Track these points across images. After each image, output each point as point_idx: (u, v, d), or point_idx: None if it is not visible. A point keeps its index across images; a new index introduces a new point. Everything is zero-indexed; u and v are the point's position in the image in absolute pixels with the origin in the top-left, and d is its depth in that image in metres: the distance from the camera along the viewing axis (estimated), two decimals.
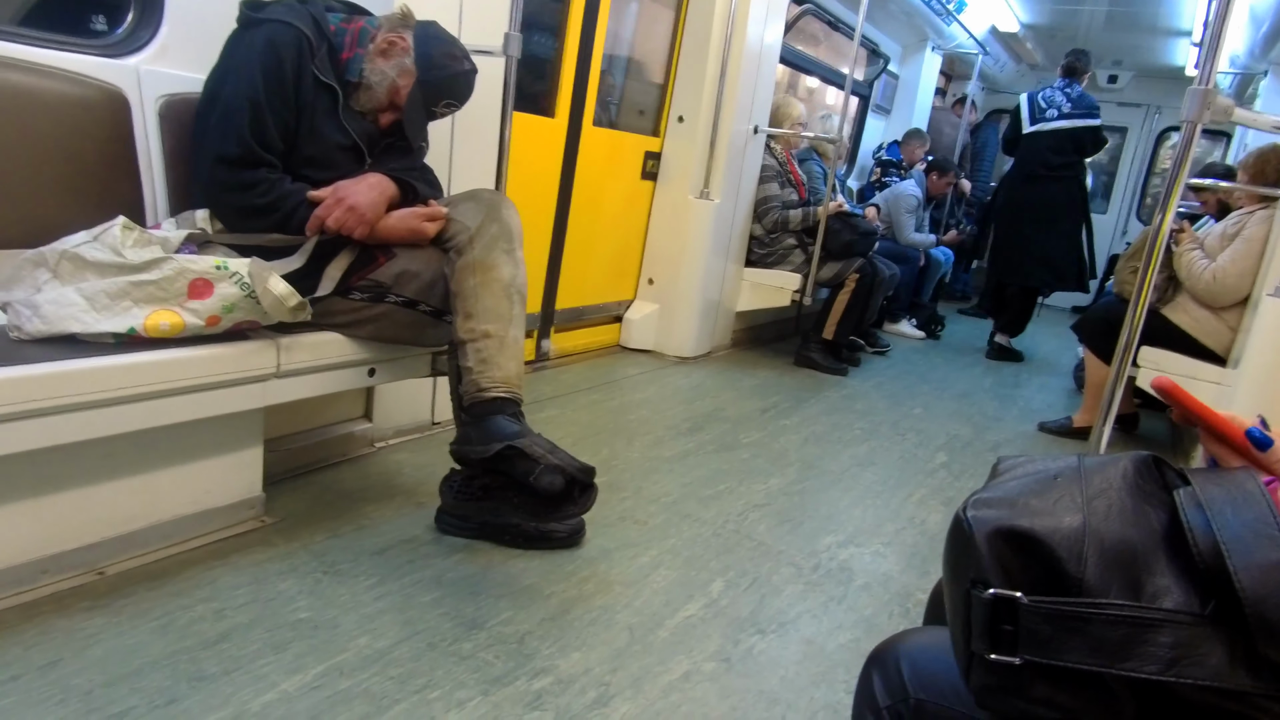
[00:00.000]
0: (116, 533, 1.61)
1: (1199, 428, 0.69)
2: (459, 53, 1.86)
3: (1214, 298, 3.09)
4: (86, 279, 1.46)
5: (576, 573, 1.83)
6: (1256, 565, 0.55)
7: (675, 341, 3.96)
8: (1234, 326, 3.09)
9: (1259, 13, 4.76)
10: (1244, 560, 0.56)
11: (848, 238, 4.11)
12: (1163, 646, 0.57)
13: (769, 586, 1.89)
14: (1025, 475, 0.70)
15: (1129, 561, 0.61)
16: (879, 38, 6.08)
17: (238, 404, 1.64)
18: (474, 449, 1.73)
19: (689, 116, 3.78)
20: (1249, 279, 3.01)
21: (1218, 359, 3.08)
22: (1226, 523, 0.58)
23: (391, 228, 1.78)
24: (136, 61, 1.77)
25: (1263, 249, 2.99)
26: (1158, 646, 0.57)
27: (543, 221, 3.30)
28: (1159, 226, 1.71)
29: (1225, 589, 0.56)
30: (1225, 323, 3.10)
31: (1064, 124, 4.78)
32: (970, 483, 2.77)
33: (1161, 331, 3.15)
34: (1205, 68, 1.61)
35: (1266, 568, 0.55)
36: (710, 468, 2.58)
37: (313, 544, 1.79)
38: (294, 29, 1.69)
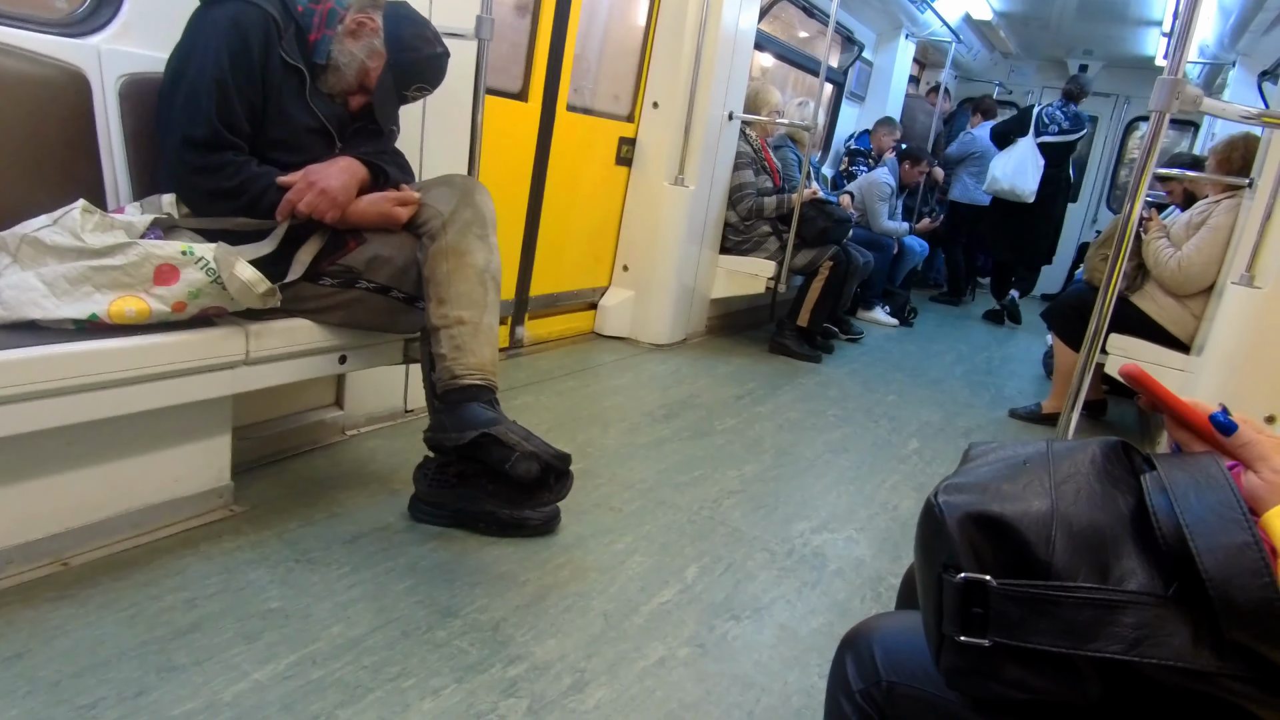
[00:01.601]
0: (83, 522, 1.58)
1: (1165, 414, 0.70)
2: (431, 35, 1.83)
3: (1179, 285, 3.15)
4: (46, 264, 1.43)
5: (552, 560, 1.83)
6: (1220, 548, 0.56)
7: (650, 328, 3.96)
8: (1198, 314, 3.15)
9: (1227, 3, 4.83)
10: (1207, 543, 0.57)
11: (822, 225, 4.13)
12: (1127, 627, 0.58)
13: (743, 572, 1.91)
14: (996, 461, 0.71)
15: (1097, 545, 0.62)
16: (853, 25, 6.08)
17: (206, 391, 1.61)
18: (448, 436, 1.72)
19: (664, 102, 3.76)
20: (1214, 267, 3.07)
21: (1183, 346, 3.14)
22: (1190, 506, 0.60)
23: (363, 212, 1.75)
24: (97, 41, 1.72)
25: (1227, 237, 3.05)
26: (1122, 627, 0.58)
27: (516, 207, 3.27)
28: (1128, 215, 1.73)
29: (1189, 571, 0.57)
30: (1190, 310, 3.17)
31: (1059, 139, 5.91)
32: (942, 468, 2.81)
33: (1129, 319, 3.21)
34: (1174, 57, 1.63)
35: (1230, 550, 0.56)
36: (685, 454, 2.59)
37: (284, 532, 1.77)
38: (259, 9, 1.65)
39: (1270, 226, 2.56)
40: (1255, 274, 2.58)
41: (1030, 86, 8.78)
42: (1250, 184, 3.04)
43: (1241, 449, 0.65)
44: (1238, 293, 2.58)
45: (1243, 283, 2.58)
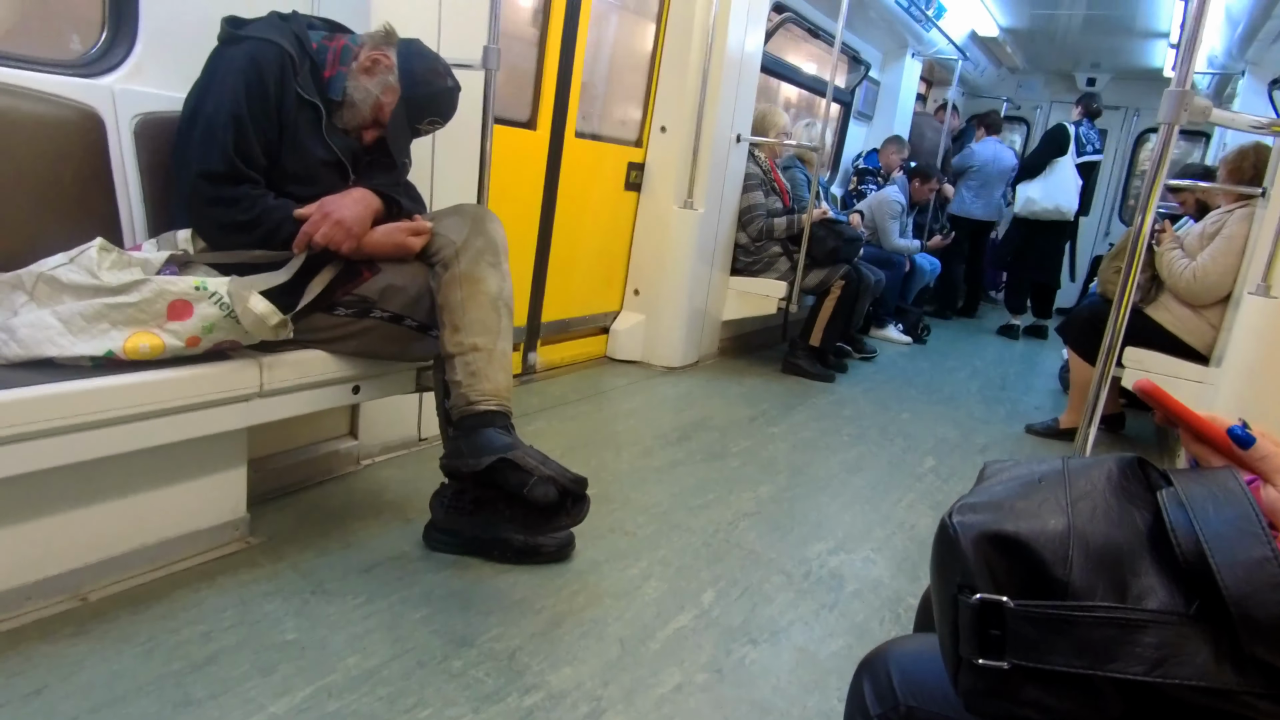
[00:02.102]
0: (100, 557, 1.59)
1: (1181, 429, 0.69)
2: (442, 69, 1.86)
3: (1195, 296, 3.12)
4: (63, 301, 1.45)
5: (566, 586, 1.82)
6: (1239, 563, 0.55)
7: (662, 351, 3.96)
8: (1215, 324, 3.12)
9: (1235, 13, 4.82)
10: (1227, 558, 0.56)
11: (832, 244, 4.13)
12: (1148, 647, 0.57)
13: (760, 595, 1.89)
14: (1010, 479, 0.70)
15: (1114, 563, 0.61)
16: (859, 45, 6.12)
17: (220, 425, 1.62)
18: (465, 462, 1.72)
19: (671, 126, 3.79)
20: (1229, 276, 3.04)
21: (1200, 357, 3.11)
22: (1209, 521, 0.59)
23: (377, 243, 1.77)
24: (111, 81, 1.76)
25: (1243, 246, 3.02)
26: (1143, 647, 0.57)
27: (527, 234, 3.29)
28: (1140, 227, 1.72)
29: (1209, 587, 0.56)
30: (1206, 320, 3.14)
31: (1094, 158, 6.11)
32: (959, 486, 2.78)
33: (1145, 330, 3.18)
34: (1182, 69, 1.62)
35: (1249, 565, 0.55)
36: (699, 477, 2.57)
37: (300, 563, 1.77)
38: (276, 46, 1.69)
39: None
40: (1272, 284, 2.55)
41: (1038, 101, 8.78)
42: (1263, 193, 3.02)
43: (1260, 462, 0.64)
44: (1254, 303, 2.56)
45: (1259, 293, 2.56)
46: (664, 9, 3.75)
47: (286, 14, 1.80)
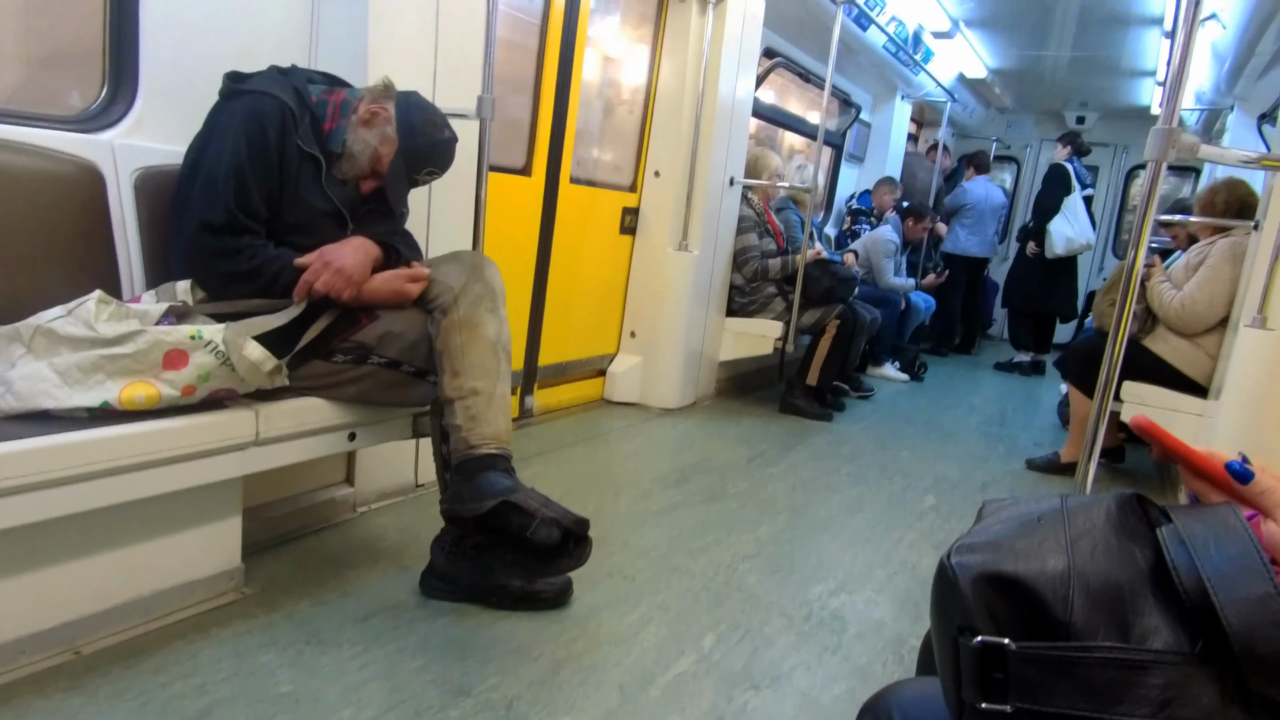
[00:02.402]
0: (94, 609, 1.57)
1: (1179, 465, 0.69)
2: (440, 121, 1.89)
3: (1185, 325, 3.19)
4: (60, 354, 1.45)
5: (565, 632, 1.79)
6: (1242, 600, 0.55)
7: (659, 393, 3.96)
8: (1212, 354, 3.15)
9: (1221, 50, 4.91)
10: (1229, 595, 0.55)
11: (827, 284, 4.16)
12: (1154, 688, 0.56)
13: (761, 638, 1.86)
14: (1009, 518, 0.70)
15: (1116, 602, 0.61)
16: (849, 88, 6.23)
17: (216, 474, 1.61)
18: (466, 507, 1.70)
19: (665, 171, 3.84)
20: (1217, 305, 3.11)
21: (1200, 388, 3.12)
22: (1210, 558, 0.58)
23: (376, 290, 1.78)
24: (111, 136, 1.78)
25: (1226, 274, 3.10)
26: (1148, 689, 0.56)
27: (523, 279, 3.31)
28: (1133, 261, 1.74)
29: (1213, 626, 0.55)
30: (1204, 350, 3.16)
31: (1090, 192, 6.25)
32: (960, 524, 2.76)
33: (1144, 362, 3.20)
34: (1168, 107, 1.65)
35: (1252, 601, 0.54)
36: (698, 519, 2.55)
37: (295, 613, 1.75)
38: (277, 100, 1.72)
39: (1279, 268, 2.56)
40: (1268, 315, 2.57)
41: (1028, 140, 8.91)
42: (1256, 226, 3.06)
43: (1259, 497, 0.64)
44: (1251, 335, 2.57)
45: (1255, 325, 2.57)
46: (656, 56, 3.83)
47: (286, 68, 1.84)
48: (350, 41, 2.14)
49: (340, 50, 2.15)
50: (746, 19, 3.89)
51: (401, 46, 2.21)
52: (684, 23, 3.74)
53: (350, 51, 2.14)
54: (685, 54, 3.75)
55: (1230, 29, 4.45)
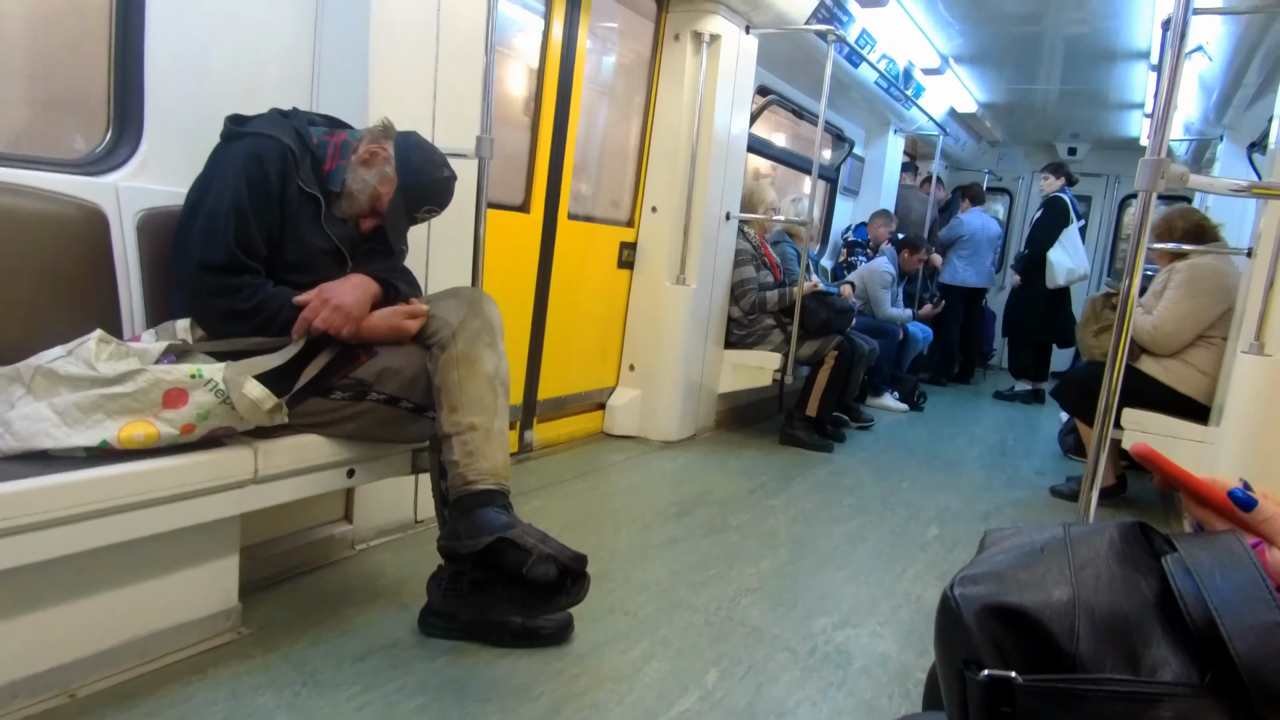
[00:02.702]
0: (89, 651, 1.55)
1: (1182, 492, 0.69)
2: (439, 160, 1.92)
3: (1159, 345, 3.33)
4: (59, 393, 1.45)
5: (566, 670, 1.77)
6: (1250, 629, 0.54)
7: (659, 425, 3.96)
8: (1204, 370, 3.22)
9: (1208, 81, 4.99)
10: (1237, 625, 0.55)
11: (825, 315, 4.18)
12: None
13: (765, 674, 1.84)
14: (1012, 548, 0.69)
15: (1123, 633, 0.60)
16: (843, 123, 6.31)
17: (214, 512, 1.60)
18: (463, 543, 1.69)
19: (662, 206, 3.88)
20: (1184, 326, 3.29)
21: (1199, 408, 3.12)
22: (1217, 588, 0.58)
23: (374, 326, 1.79)
24: (115, 179, 1.80)
25: (1187, 296, 3.30)
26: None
27: (522, 314, 3.32)
28: (1128, 290, 1.75)
29: (1221, 656, 0.55)
30: (1194, 367, 3.23)
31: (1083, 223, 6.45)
32: (963, 554, 2.74)
33: (1141, 386, 3.23)
34: (1156, 138, 1.67)
35: (1260, 631, 0.54)
36: (700, 552, 2.53)
37: (292, 654, 1.72)
38: (278, 142, 1.74)
39: (1274, 294, 2.57)
40: (1264, 342, 2.57)
41: (1020, 172, 9.01)
42: (1249, 253, 3.08)
43: (1263, 524, 0.63)
44: (1249, 361, 2.57)
45: (1253, 351, 2.57)
46: (652, 93, 3.88)
47: (288, 111, 1.86)
48: (351, 84, 2.17)
49: (341, 93, 2.18)
50: (740, 58, 3.95)
51: (402, 88, 2.25)
52: (679, 62, 3.80)
53: (351, 94, 2.17)
54: (681, 92, 3.80)
55: (1216, 61, 4.53)
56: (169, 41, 1.88)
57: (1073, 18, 4.73)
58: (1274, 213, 2.66)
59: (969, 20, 4.95)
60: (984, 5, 4.67)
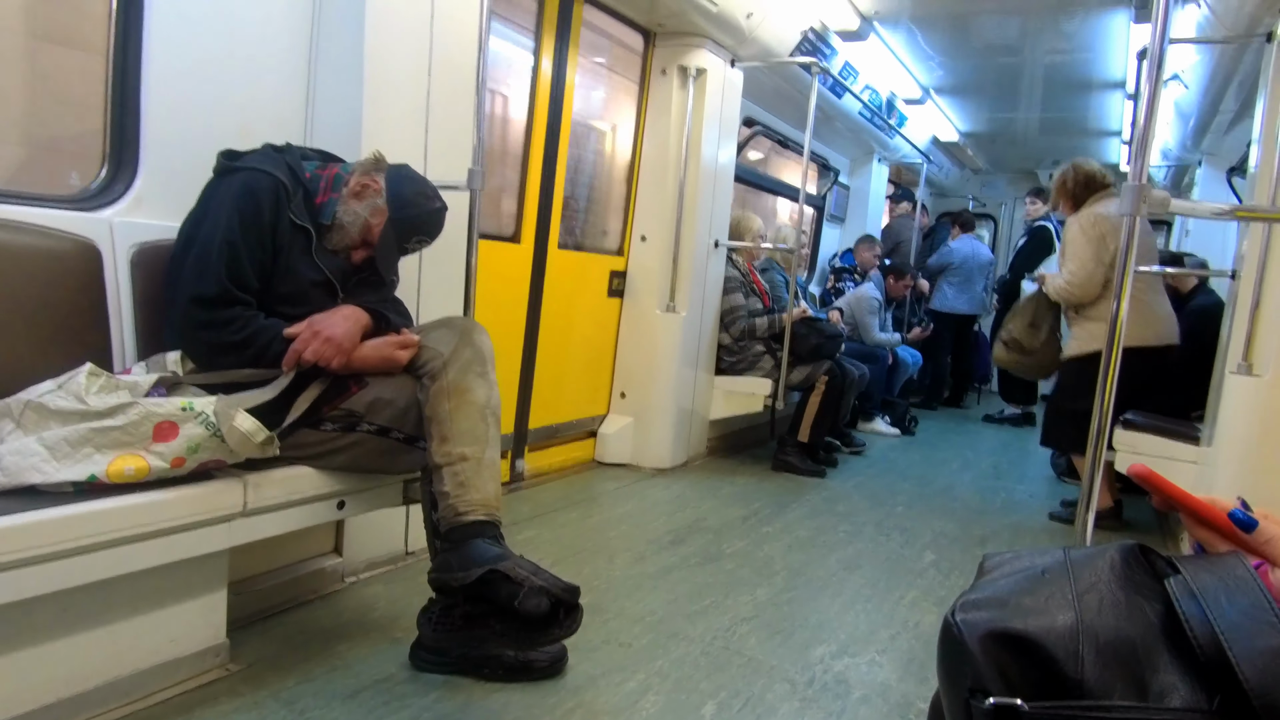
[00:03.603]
0: (74, 691, 1.51)
1: (1182, 513, 0.69)
2: (430, 191, 1.92)
3: (1079, 296, 3.52)
4: (49, 427, 1.43)
5: (560, 704, 1.74)
6: (1258, 654, 0.54)
7: (651, 453, 3.94)
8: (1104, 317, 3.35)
9: (1184, 108, 5.08)
10: (1245, 649, 0.54)
11: (815, 341, 4.20)
12: None
13: (764, 706, 1.81)
14: (1013, 573, 0.69)
15: (1129, 658, 0.59)
16: (827, 153, 6.39)
17: (203, 547, 1.58)
18: (454, 576, 1.67)
19: (651, 235, 3.90)
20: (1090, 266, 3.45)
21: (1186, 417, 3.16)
22: (1223, 612, 0.57)
23: (365, 357, 1.78)
24: (110, 214, 1.81)
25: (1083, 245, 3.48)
26: None
27: (513, 343, 3.32)
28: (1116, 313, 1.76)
29: (1229, 681, 0.54)
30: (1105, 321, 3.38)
31: None
32: (961, 580, 2.72)
33: (1079, 374, 3.40)
34: (1136, 165, 1.70)
35: (1268, 655, 0.53)
36: (695, 582, 2.51)
37: (282, 691, 1.69)
38: (271, 176, 1.75)
39: (1260, 315, 2.61)
40: (1253, 362, 2.60)
41: (1002, 198, 9.12)
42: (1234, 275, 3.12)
43: (1265, 546, 0.63)
44: (1238, 382, 2.59)
45: (1241, 372, 2.60)
46: (640, 126, 3.93)
47: (281, 146, 1.87)
48: (346, 118, 2.19)
49: (336, 127, 2.20)
50: (726, 90, 4.01)
51: (395, 124, 2.26)
52: (666, 94, 3.85)
53: (345, 128, 2.18)
54: (668, 124, 3.85)
55: (1193, 89, 4.61)
56: (166, 78, 1.90)
57: (1050, 49, 4.84)
58: (1257, 235, 2.70)
59: (948, 53, 5.04)
60: (962, 38, 4.77)
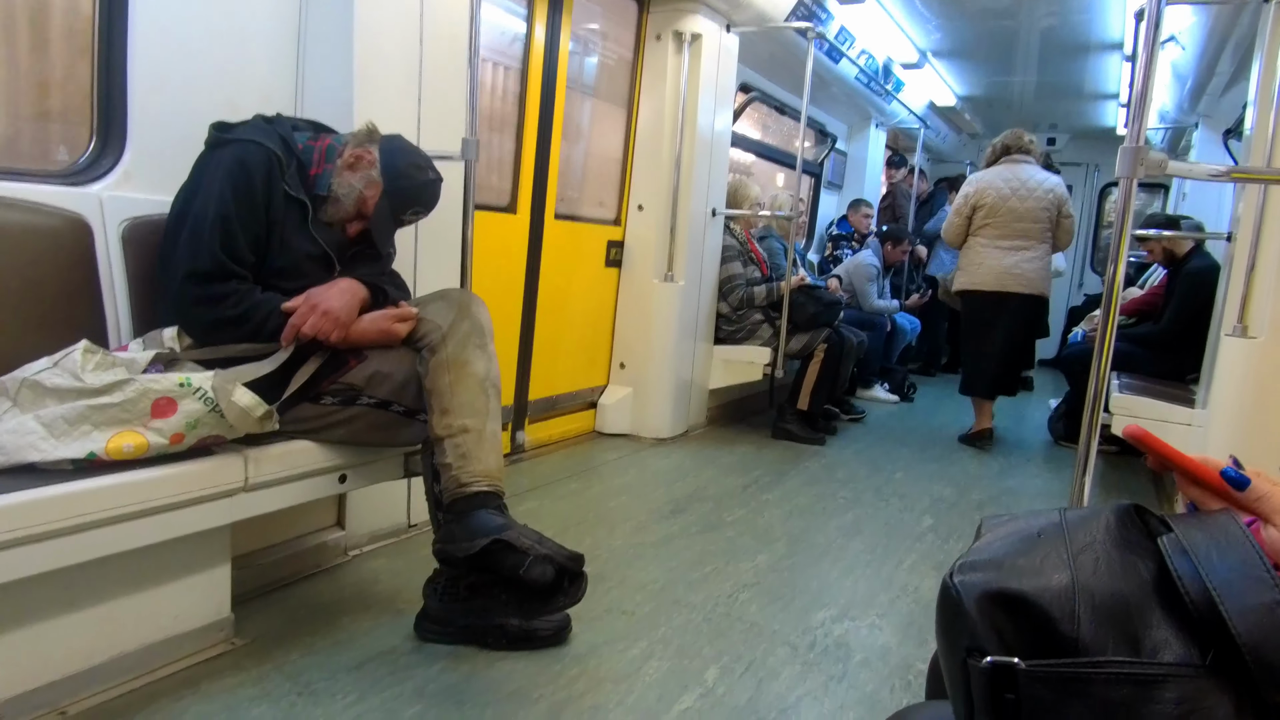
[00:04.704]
0: (80, 668, 1.53)
1: (1175, 473, 0.69)
2: (424, 163, 1.91)
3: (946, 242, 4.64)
4: (46, 405, 1.43)
5: (564, 672, 1.76)
6: (1250, 609, 0.54)
7: (651, 423, 3.95)
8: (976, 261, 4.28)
9: (1181, 69, 5.03)
10: (1237, 605, 0.55)
11: (812, 309, 4.19)
12: (1168, 703, 0.55)
13: (766, 670, 1.84)
14: (1009, 535, 0.69)
15: (1123, 616, 0.60)
16: (824, 118, 6.33)
17: (205, 521, 1.59)
18: (459, 547, 1.68)
19: (648, 204, 3.88)
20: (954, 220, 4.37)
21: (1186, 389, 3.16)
22: (1214, 568, 0.58)
23: (363, 331, 1.78)
24: (99, 189, 1.79)
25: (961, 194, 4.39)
26: (1163, 704, 0.55)
27: (511, 315, 3.32)
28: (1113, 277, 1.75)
29: (1222, 637, 0.55)
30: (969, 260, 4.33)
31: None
32: (959, 544, 2.75)
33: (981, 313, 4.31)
34: (1134, 127, 1.68)
35: (1260, 610, 0.54)
36: (696, 550, 2.53)
37: (286, 664, 1.71)
38: (263, 148, 1.73)
39: (1255, 277, 2.60)
40: (1248, 324, 2.60)
41: None
42: (1229, 237, 3.11)
43: (1257, 503, 0.64)
44: (1233, 344, 2.59)
45: (1236, 334, 2.60)
46: (636, 93, 3.88)
47: (271, 117, 1.85)
48: (336, 89, 2.16)
49: (326, 98, 2.17)
50: (722, 56, 3.96)
51: (386, 93, 2.23)
52: (661, 61, 3.80)
53: (336, 99, 2.15)
54: (663, 91, 3.80)
55: (1189, 50, 4.57)
56: (152, 51, 1.87)
57: (1047, 11, 4.78)
58: (1252, 197, 2.69)
59: (945, 15, 4.98)
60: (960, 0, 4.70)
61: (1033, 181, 4.17)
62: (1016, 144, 4.25)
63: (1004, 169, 4.23)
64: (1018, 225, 4.14)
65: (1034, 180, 4.17)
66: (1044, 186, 4.16)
